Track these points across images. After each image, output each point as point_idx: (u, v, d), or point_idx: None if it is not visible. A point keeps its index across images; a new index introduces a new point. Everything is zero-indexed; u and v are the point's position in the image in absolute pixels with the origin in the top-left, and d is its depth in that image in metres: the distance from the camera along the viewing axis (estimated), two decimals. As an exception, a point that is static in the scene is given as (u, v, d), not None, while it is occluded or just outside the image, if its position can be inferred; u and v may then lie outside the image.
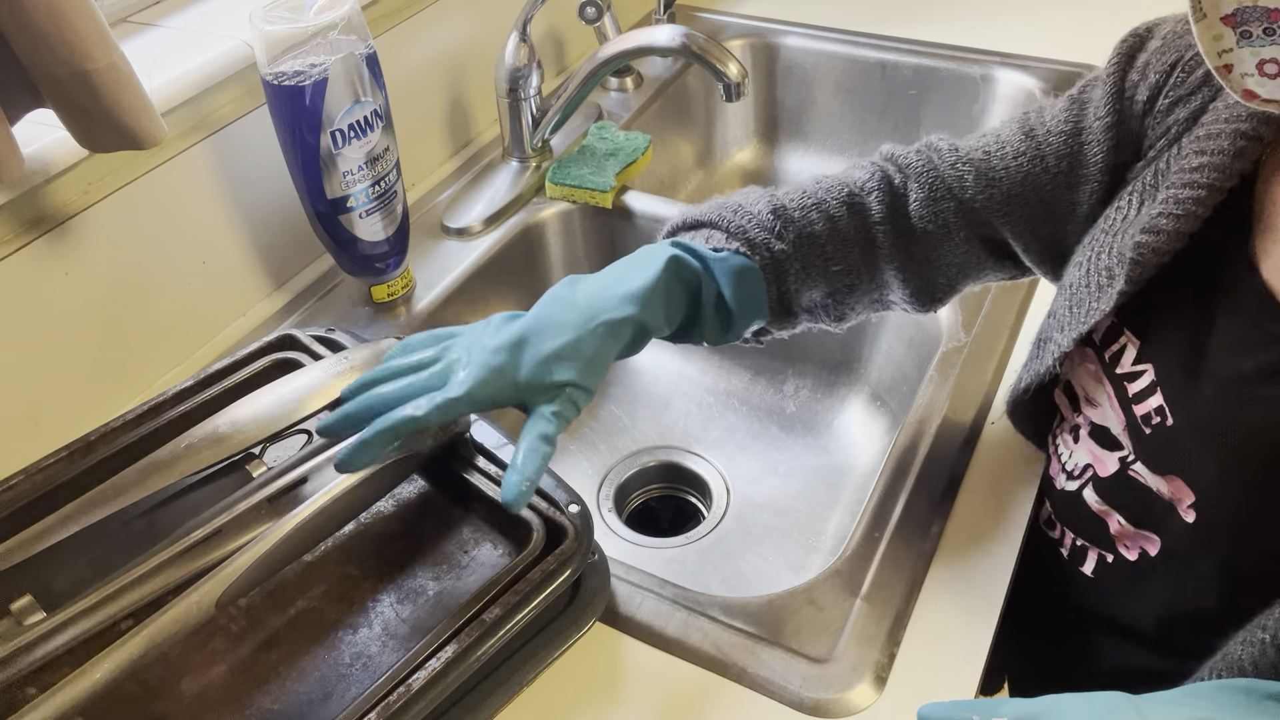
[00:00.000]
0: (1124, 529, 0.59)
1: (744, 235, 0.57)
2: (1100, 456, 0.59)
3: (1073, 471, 0.62)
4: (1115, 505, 0.59)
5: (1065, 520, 0.64)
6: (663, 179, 1.18)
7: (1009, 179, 0.59)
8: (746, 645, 0.58)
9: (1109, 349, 0.57)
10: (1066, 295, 0.58)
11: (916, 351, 0.86)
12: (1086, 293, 0.56)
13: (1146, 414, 0.55)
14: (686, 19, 1.27)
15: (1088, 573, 0.62)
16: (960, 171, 0.59)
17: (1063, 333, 0.58)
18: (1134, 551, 0.59)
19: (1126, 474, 0.57)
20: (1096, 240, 0.56)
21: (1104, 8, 1.20)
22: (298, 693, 0.51)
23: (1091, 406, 0.59)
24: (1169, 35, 0.54)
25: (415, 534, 0.59)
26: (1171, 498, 0.55)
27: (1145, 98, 0.54)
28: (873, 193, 0.60)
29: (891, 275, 0.61)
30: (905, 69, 1.18)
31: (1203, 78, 0.52)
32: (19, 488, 0.58)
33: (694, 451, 0.94)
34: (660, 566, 0.84)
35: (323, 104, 0.69)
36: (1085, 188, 0.57)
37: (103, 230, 0.70)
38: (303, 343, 0.69)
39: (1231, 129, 0.49)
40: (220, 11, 0.81)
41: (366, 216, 0.77)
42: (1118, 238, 0.54)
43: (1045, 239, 0.61)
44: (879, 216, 0.59)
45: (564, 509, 0.58)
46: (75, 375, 0.71)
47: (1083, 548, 0.63)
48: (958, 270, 0.62)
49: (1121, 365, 0.56)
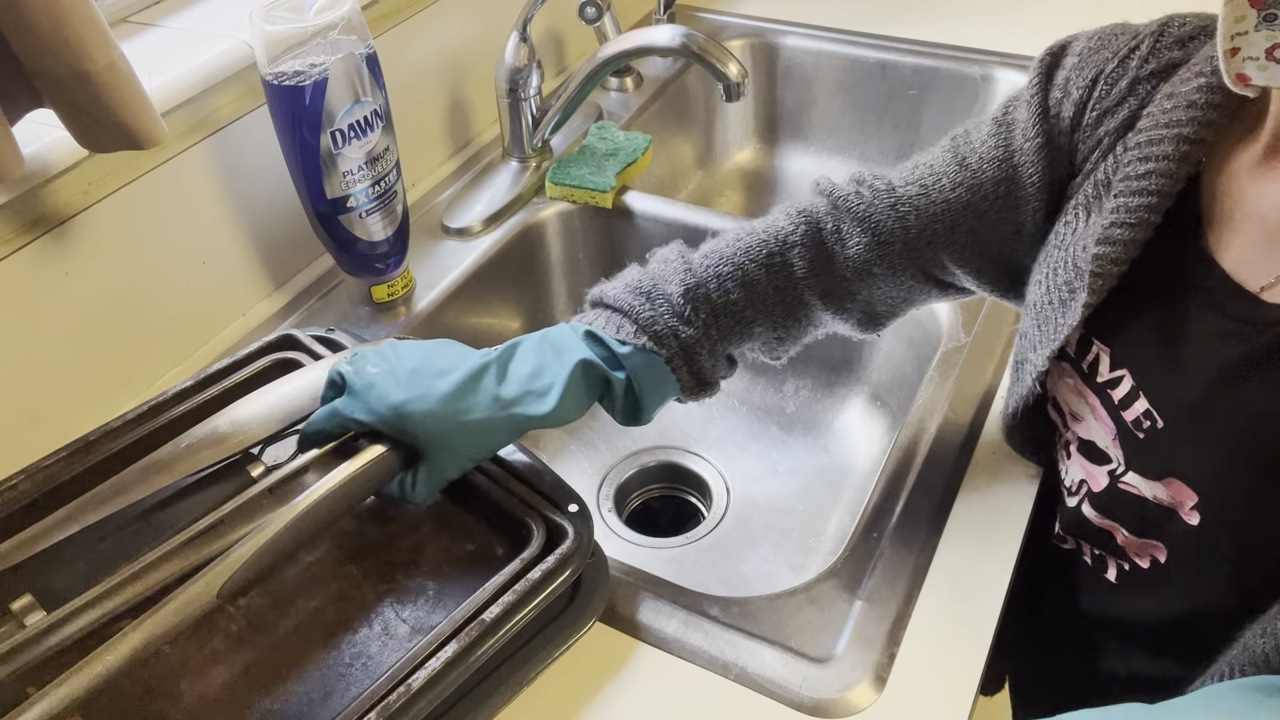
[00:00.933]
0: (1129, 540, 0.59)
1: (651, 328, 0.56)
2: (1091, 471, 0.59)
3: (1071, 488, 0.62)
4: (1113, 518, 0.59)
5: (1076, 534, 0.64)
6: (663, 179, 1.18)
7: (950, 211, 0.58)
8: (746, 645, 0.58)
9: (1084, 360, 0.57)
10: (1033, 315, 0.58)
11: (916, 351, 0.86)
12: (1051, 309, 0.56)
13: (1136, 419, 0.55)
14: (686, 19, 1.27)
15: (1112, 579, 0.62)
16: (901, 212, 0.59)
17: (1036, 351, 0.58)
18: (1145, 559, 0.59)
19: (1117, 486, 0.57)
20: (1051, 256, 0.56)
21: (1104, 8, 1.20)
22: (298, 692, 0.51)
23: (1077, 421, 0.59)
24: (1084, 51, 0.56)
25: (415, 534, 0.59)
26: (1172, 502, 0.55)
27: (1071, 114, 0.55)
28: (795, 248, 0.59)
29: (827, 316, 0.62)
30: (905, 69, 1.18)
31: (1126, 88, 0.53)
32: (19, 488, 0.58)
33: (694, 451, 0.94)
34: (660, 566, 0.84)
35: (323, 104, 0.69)
36: (1027, 208, 0.58)
37: (103, 230, 0.70)
38: (303, 343, 0.69)
39: (1174, 134, 0.49)
40: (220, 11, 0.81)
41: (367, 216, 0.77)
42: (1070, 251, 0.55)
43: (995, 261, 0.61)
44: (803, 273, 0.59)
45: (564, 509, 0.58)
46: (75, 375, 0.71)
47: (1101, 557, 0.63)
48: (900, 301, 0.63)
49: (1100, 374, 0.56)
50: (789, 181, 1.28)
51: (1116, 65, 0.53)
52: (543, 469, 0.61)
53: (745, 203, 1.28)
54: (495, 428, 0.54)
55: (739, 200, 1.28)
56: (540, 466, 0.61)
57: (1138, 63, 0.53)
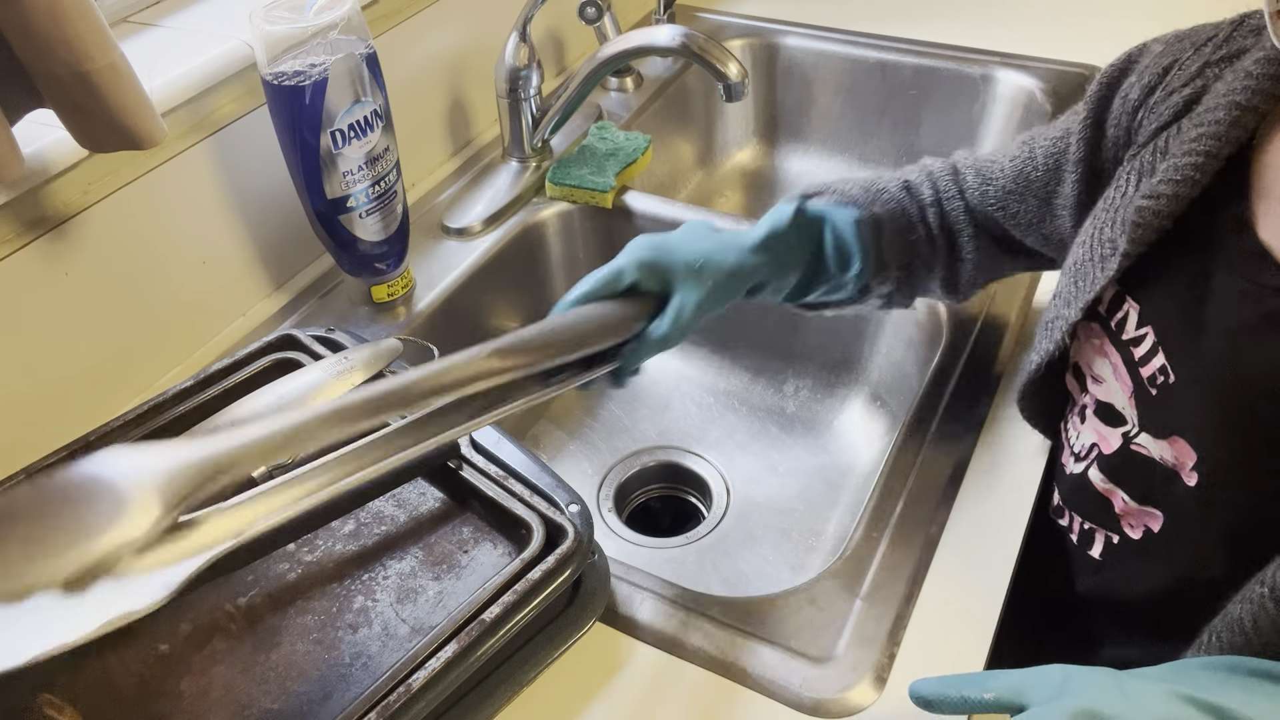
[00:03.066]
0: (1128, 506, 0.59)
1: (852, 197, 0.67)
2: (1104, 434, 0.60)
3: (1080, 453, 0.63)
4: (1118, 482, 0.60)
5: (1073, 505, 0.65)
6: (663, 179, 1.18)
7: (1003, 177, 0.66)
8: (746, 645, 0.58)
9: (1114, 316, 0.58)
10: (1071, 274, 0.60)
11: (916, 351, 0.86)
12: (1090, 265, 0.58)
13: (1151, 375, 0.56)
14: (686, 19, 1.27)
15: (1095, 555, 0.63)
16: (964, 173, 0.69)
17: (1070, 307, 0.60)
18: (1138, 530, 0.59)
19: (1129, 448, 0.58)
20: (1098, 218, 0.59)
21: (1104, 8, 1.20)
22: (297, 693, 0.51)
23: (1097, 383, 0.60)
24: (1170, 40, 0.59)
25: (415, 534, 0.59)
26: (1175, 462, 0.56)
27: (1137, 95, 0.58)
28: (924, 184, 0.69)
29: (934, 258, 0.69)
30: (905, 69, 1.18)
31: (1195, 71, 0.55)
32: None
33: (694, 451, 0.94)
34: (660, 566, 0.84)
35: (323, 104, 0.69)
36: (1070, 176, 0.62)
37: (103, 230, 0.70)
38: (303, 343, 0.69)
39: (1228, 101, 0.52)
40: (220, 11, 0.81)
41: (366, 216, 0.77)
42: (1119, 213, 0.56)
43: (1048, 235, 0.66)
44: (929, 200, 0.68)
45: (564, 509, 0.58)
46: (75, 375, 0.71)
47: (1090, 531, 0.63)
48: (975, 266, 0.69)
49: (1126, 331, 0.57)
50: (789, 181, 1.28)
51: (1192, 53, 0.56)
52: (542, 469, 0.61)
53: (745, 203, 1.28)
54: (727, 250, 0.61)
55: (739, 200, 1.28)
56: (540, 466, 0.61)
57: (1211, 49, 0.55)
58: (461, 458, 0.61)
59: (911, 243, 0.67)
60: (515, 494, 0.59)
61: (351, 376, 0.64)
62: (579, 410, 0.99)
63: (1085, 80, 1.07)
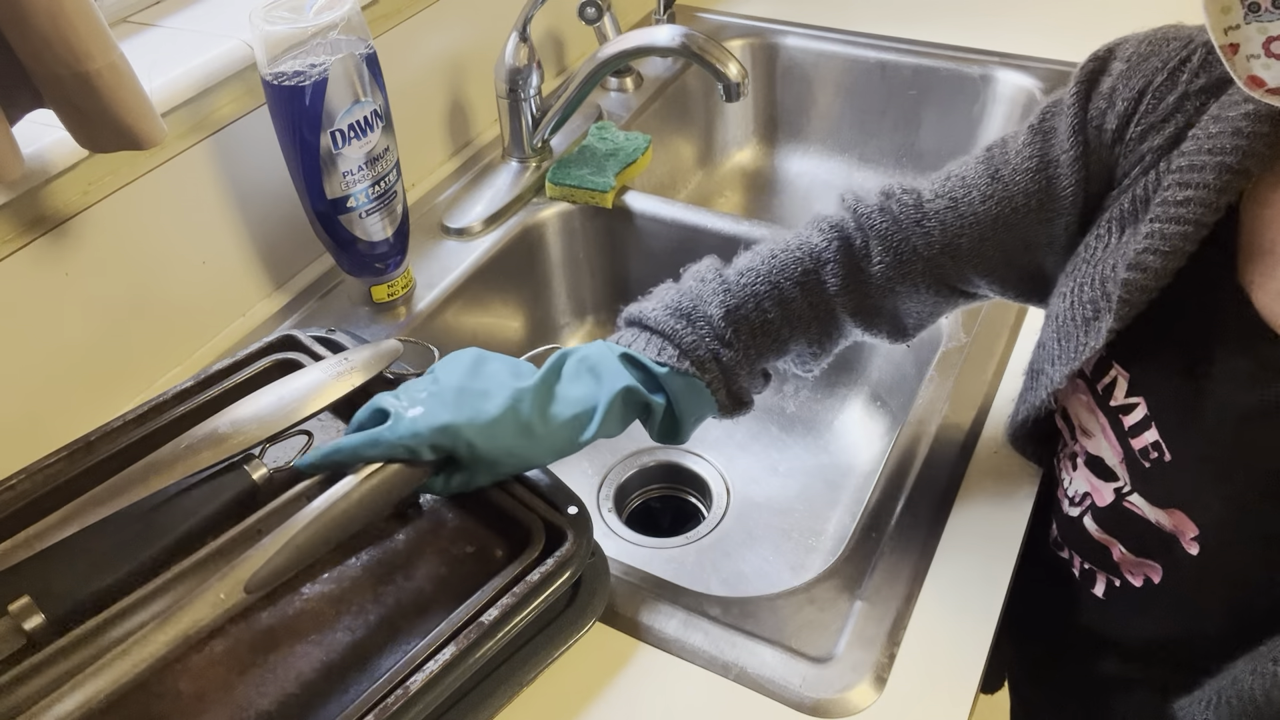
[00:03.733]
0: (1126, 557, 0.59)
1: (694, 352, 0.57)
2: (1097, 486, 0.59)
3: (1074, 498, 0.62)
4: (1114, 535, 0.59)
5: (1072, 545, 0.64)
6: (663, 179, 1.18)
7: (979, 225, 0.58)
8: (746, 645, 0.58)
9: (1100, 382, 0.56)
10: (1054, 326, 0.57)
11: (916, 351, 0.86)
12: (1073, 326, 0.54)
13: (1144, 448, 0.54)
14: (686, 19, 1.27)
15: (1099, 594, 0.62)
16: (927, 228, 0.59)
17: (1054, 366, 0.57)
18: (1139, 578, 0.58)
19: (1122, 505, 0.57)
20: (1079, 270, 0.55)
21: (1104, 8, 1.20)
22: (295, 695, 0.51)
23: (1086, 437, 0.59)
24: (1133, 58, 0.53)
25: (415, 535, 0.59)
26: (1174, 530, 0.54)
27: (1114, 126, 0.53)
28: (828, 265, 0.60)
29: (858, 330, 0.63)
30: (905, 69, 1.18)
31: (1174, 104, 0.50)
32: (19, 488, 0.58)
33: (694, 451, 0.94)
34: (660, 566, 0.84)
35: (323, 104, 0.69)
36: (1059, 221, 0.56)
37: (103, 230, 0.70)
38: (303, 343, 0.69)
39: (1216, 162, 0.47)
40: (220, 11, 0.81)
41: (366, 216, 0.77)
42: (1098, 268, 0.53)
43: (1022, 271, 0.60)
44: (835, 290, 0.60)
45: (563, 511, 0.57)
46: (75, 375, 0.71)
47: (1091, 571, 0.62)
48: (928, 313, 0.63)
49: (1115, 398, 0.55)
50: (789, 181, 1.28)
51: (1166, 78, 0.51)
52: (542, 470, 0.61)
53: (745, 203, 1.28)
54: (538, 453, 0.56)
55: (739, 200, 1.28)
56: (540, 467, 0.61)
57: (1188, 76, 0.50)
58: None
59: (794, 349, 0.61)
60: (515, 496, 0.59)
61: (351, 377, 0.63)
62: (579, 410, 0.99)
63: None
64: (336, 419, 0.67)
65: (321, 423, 0.66)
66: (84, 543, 0.54)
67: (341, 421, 0.67)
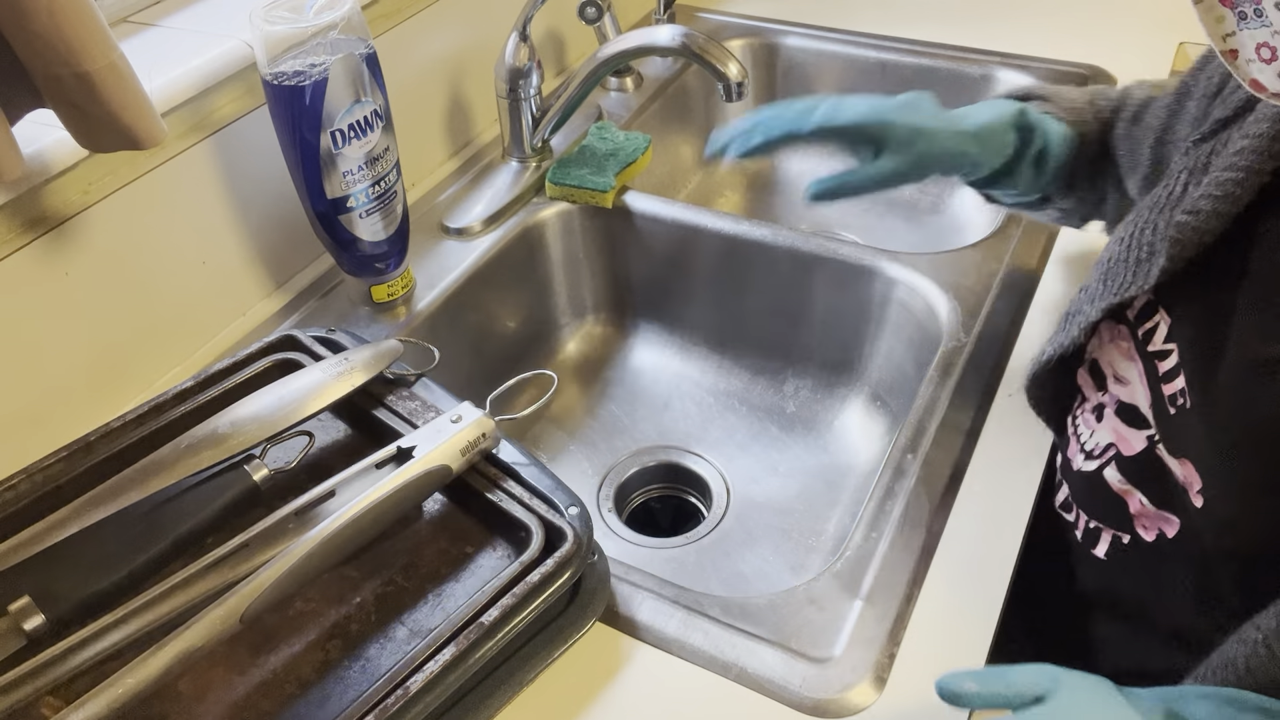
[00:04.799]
0: (1144, 509, 0.59)
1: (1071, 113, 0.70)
2: (1126, 435, 0.60)
3: (1093, 451, 0.62)
4: (1138, 484, 0.59)
5: (1082, 503, 0.64)
6: (663, 179, 1.18)
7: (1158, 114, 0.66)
8: (746, 645, 0.58)
9: (1143, 326, 0.58)
10: (1102, 270, 0.60)
11: (916, 351, 0.86)
12: (1123, 266, 0.57)
13: (1173, 394, 0.55)
14: (686, 19, 1.27)
15: (1100, 555, 0.63)
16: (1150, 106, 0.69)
17: (1092, 304, 0.59)
18: (1152, 532, 0.59)
19: (1153, 452, 0.58)
20: (1141, 216, 0.58)
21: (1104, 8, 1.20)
22: (295, 695, 0.51)
23: (1120, 384, 0.60)
24: None
25: (414, 536, 0.59)
26: (1184, 482, 0.55)
27: (1217, 82, 0.58)
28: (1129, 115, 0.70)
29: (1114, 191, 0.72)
30: (905, 69, 1.18)
31: None
32: (19, 488, 0.58)
33: (694, 451, 0.94)
34: (660, 566, 0.84)
35: (323, 104, 0.69)
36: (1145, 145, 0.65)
37: (103, 230, 0.70)
38: (304, 343, 0.69)
39: (1274, 112, 0.50)
40: (220, 11, 0.81)
41: (366, 216, 0.77)
42: (1162, 215, 0.55)
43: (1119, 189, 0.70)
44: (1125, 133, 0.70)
45: (563, 511, 0.58)
46: (75, 375, 0.71)
47: (1096, 530, 0.63)
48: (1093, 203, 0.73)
49: (1153, 343, 0.57)
50: (789, 181, 1.28)
51: None
52: (542, 470, 0.61)
53: (745, 203, 1.28)
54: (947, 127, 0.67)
55: (739, 200, 1.28)
56: (540, 468, 0.61)
57: None
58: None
59: (1103, 172, 0.70)
60: (515, 496, 0.59)
61: (352, 377, 0.64)
62: (579, 410, 0.99)
63: (1085, 80, 1.07)
64: (337, 419, 0.67)
65: (321, 423, 0.66)
66: (84, 543, 0.54)
67: (342, 421, 0.67)
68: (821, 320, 0.94)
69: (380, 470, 0.58)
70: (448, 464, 0.58)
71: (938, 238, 1.17)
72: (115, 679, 0.47)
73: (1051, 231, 0.89)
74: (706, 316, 1.00)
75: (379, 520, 0.55)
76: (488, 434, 0.60)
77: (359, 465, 0.58)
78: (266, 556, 0.53)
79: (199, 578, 0.52)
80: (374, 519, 0.55)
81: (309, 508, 0.56)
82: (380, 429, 0.64)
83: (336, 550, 0.54)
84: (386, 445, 0.59)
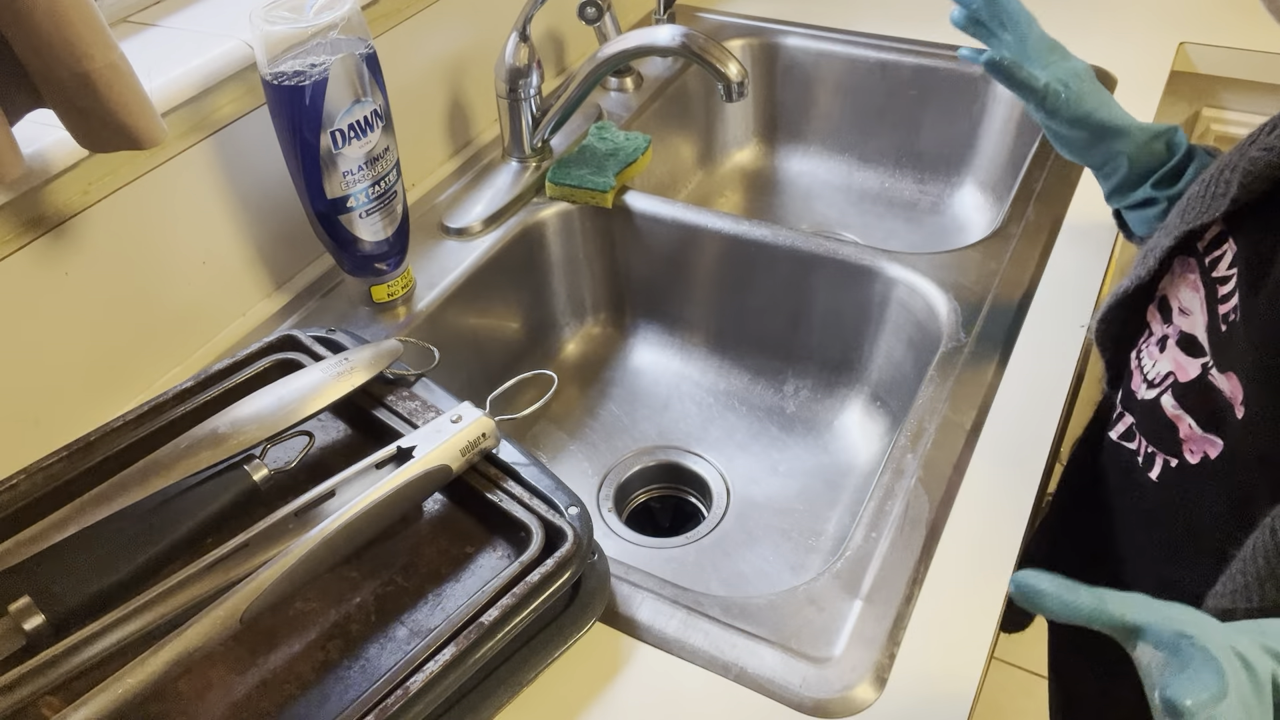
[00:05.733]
0: (1192, 433, 0.61)
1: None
2: (1183, 364, 0.62)
3: (1154, 381, 0.65)
4: (1188, 408, 0.62)
5: (1143, 429, 0.67)
6: (663, 179, 1.18)
7: None
8: (746, 645, 0.58)
9: (1210, 254, 0.61)
10: (1181, 206, 0.63)
11: (916, 351, 0.86)
12: (1199, 201, 0.60)
13: (1226, 313, 0.58)
14: (686, 19, 1.27)
15: (1154, 478, 0.65)
16: None
17: (1166, 235, 0.62)
18: (1197, 455, 0.61)
19: (1206, 378, 0.60)
20: (1221, 159, 0.61)
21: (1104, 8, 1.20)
22: (295, 695, 0.51)
23: (1184, 315, 0.63)
24: None
25: (414, 536, 0.59)
26: (1230, 395, 0.58)
27: None
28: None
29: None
30: (905, 69, 1.18)
31: None
32: (19, 488, 0.58)
33: (694, 451, 0.94)
34: (660, 566, 0.84)
35: (323, 104, 0.69)
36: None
37: (103, 230, 0.70)
38: (304, 343, 0.69)
39: None
40: (220, 11, 0.81)
41: (366, 216, 0.77)
42: (1242, 153, 0.58)
43: None
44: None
45: (563, 511, 0.58)
46: (75, 375, 0.71)
47: (1152, 455, 0.66)
48: None
49: (1219, 269, 0.60)
50: (789, 181, 1.28)
51: None
52: (542, 470, 0.61)
53: (745, 203, 1.28)
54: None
55: (739, 200, 1.28)
56: (540, 468, 0.61)
57: None
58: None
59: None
60: (515, 496, 0.59)
61: (352, 377, 0.64)
62: (579, 410, 0.99)
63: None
64: (337, 419, 0.67)
65: (321, 423, 0.66)
66: (84, 543, 0.54)
67: (342, 421, 0.67)
68: (821, 320, 0.94)
69: (380, 470, 0.58)
70: (448, 464, 0.58)
71: (938, 238, 1.17)
72: (115, 679, 0.47)
73: (1051, 231, 0.89)
74: (706, 316, 1.00)
75: (379, 520, 0.55)
76: (488, 434, 0.60)
77: (359, 465, 0.58)
78: (266, 556, 0.53)
79: (199, 578, 0.52)
80: (374, 519, 0.55)
81: (309, 508, 0.56)
82: (380, 429, 0.64)
83: (336, 550, 0.54)
84: (386, 445, 0.59)
